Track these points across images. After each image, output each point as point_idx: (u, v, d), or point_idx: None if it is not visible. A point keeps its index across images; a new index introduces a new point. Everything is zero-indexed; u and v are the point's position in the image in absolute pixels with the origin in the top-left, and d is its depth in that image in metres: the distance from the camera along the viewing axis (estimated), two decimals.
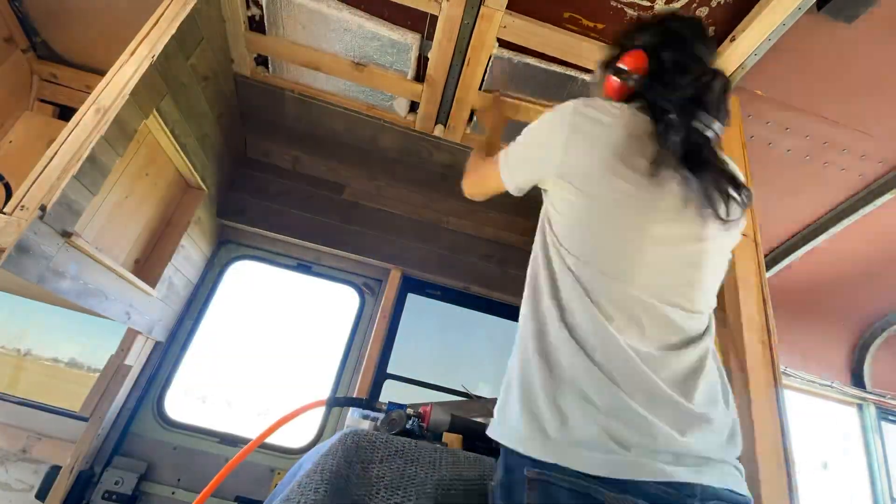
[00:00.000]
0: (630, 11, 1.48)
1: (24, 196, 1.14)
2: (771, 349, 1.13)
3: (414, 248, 2.30)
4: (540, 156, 0.89)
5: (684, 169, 0.77)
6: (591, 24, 1.54)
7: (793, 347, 2.71)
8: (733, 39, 1.43)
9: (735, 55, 1.47)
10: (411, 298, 2.32)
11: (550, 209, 0.86)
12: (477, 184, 1.18)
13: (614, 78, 0.94)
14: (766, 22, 1.37)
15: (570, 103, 0.87)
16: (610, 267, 0.76)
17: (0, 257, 1.07)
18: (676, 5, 1.45)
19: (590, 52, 1.57)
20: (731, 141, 1.44)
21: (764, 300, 1.17)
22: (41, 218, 1.13)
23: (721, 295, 1.24)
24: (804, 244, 2.14)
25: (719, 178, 0.79)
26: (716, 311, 0.86)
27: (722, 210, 0.78)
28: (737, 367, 1.12)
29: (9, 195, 1.46)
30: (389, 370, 2.13)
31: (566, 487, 0.64)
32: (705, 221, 0.79)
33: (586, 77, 1.68)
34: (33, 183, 1.15)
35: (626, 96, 0.93)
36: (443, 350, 2.41)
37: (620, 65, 0.93)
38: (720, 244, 0.83)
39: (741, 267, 1.20)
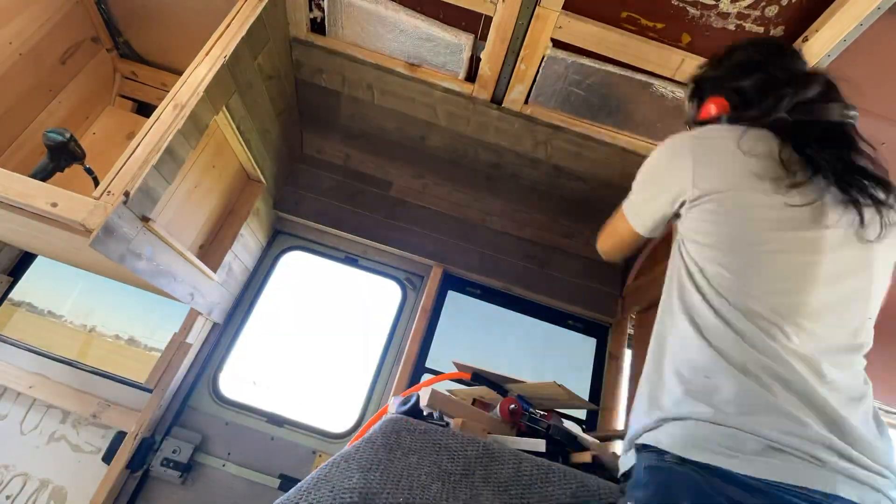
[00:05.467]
0: (692, 10, 1.44)
1: (110, 183, 1.24)
2: None
3: (456, 246, 2.33)
4: (665, 187, 0.91)
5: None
6: (651, 24, 1.50)
7: (874, 376, 2.52)
8: (805, 40, 1.36)
9: (806, 57, 1.40)
10: (451, 296, 2.35)
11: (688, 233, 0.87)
12: (609, 236, 1.15)
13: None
14: (842, 22, 1.30)
15: (683, 133, 0.92)
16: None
17: (89, 237, 1.18)
18: (743, 4, 1.39)
19: (648, 53, 1.53)
20: None
21: None
22: (125, 203, 1.24)
23: None
24: None
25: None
26: None
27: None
28: None
29: (95, 182, 1.59)
30: (428, 365, 2.17)
31: None
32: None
33: (642, 78, 1.64)
34: (119, 171, 1.26)
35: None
36: (480, 348, 2.42)
37: (705, 117, 0.99)
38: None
39: None
